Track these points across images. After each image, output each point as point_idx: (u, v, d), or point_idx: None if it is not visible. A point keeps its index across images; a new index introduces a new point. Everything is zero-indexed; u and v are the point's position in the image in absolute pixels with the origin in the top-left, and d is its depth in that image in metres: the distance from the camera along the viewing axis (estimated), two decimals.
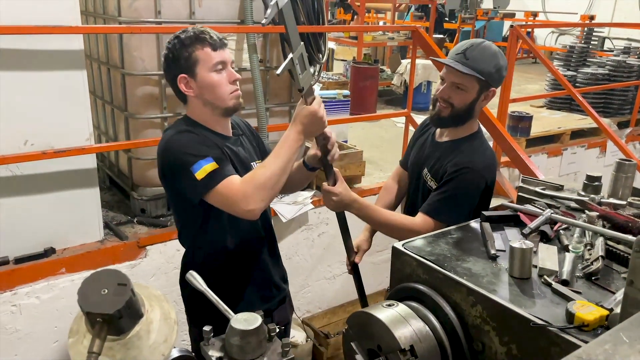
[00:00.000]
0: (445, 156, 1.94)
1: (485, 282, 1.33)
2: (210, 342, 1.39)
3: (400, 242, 1.55)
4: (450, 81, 1.87)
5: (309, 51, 3.25)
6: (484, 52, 1.84)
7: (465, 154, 1.90)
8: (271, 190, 1.62)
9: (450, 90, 1.88)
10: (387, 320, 1.32)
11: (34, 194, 2.51)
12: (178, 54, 1.67)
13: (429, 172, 1.99)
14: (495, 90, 1.93)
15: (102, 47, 3.18)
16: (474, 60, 1.81)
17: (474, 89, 1.86)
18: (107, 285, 0.84)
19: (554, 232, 1.59)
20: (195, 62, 1.66)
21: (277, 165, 1.61)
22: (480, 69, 1.82)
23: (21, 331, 2.51)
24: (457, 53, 1.85)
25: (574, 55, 6.27)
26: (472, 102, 1.89)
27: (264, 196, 1.61)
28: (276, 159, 1.63)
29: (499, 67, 1.85)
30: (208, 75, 1.68)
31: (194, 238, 1.84)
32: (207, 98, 1.70)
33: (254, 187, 1.60)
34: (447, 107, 1.89)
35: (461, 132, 1.96)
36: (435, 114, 1.94)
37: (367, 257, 3.76)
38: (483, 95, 1.89)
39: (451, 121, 1.93)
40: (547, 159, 4.79)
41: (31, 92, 2.40)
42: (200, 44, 1.66)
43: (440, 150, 1.99)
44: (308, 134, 1.67)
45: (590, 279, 1.36)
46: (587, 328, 1.13)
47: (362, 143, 4.76)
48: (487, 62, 1.83)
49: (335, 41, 8.64)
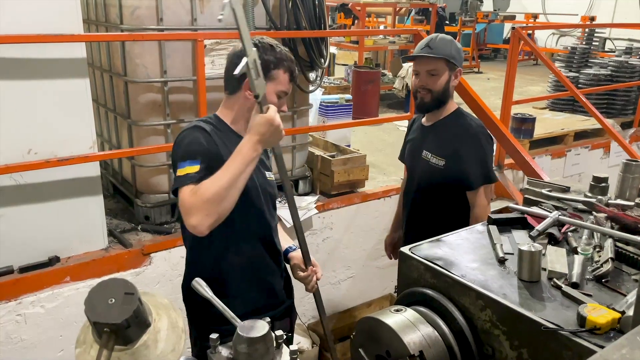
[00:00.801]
0: (443, 134, 2.27)
1: (494, 286, 1.32)
2: (218, 349, 1.38)
3: (407, 246, 1.54)
4: (424, 70, 2.22)
5: (311, 56, 3.25)
6: (443, 40, 2.23)
7: (465, 123, 2.26)
8: (218, 205, 1.51)
9: (426, 78, 2.23)
10: (395, 325, 1.31)
11: (37, 202, 2.51)
12: (266, 60, 1.68)
13: (429, 152, 2.29)
14: (461, 69, 2.29)
15: (104, 55, 3.19)
16: (437, 48, 2.20)
17: (445, 71, 2.22)
18: (114, 295, 0.83)
19: (562, 234, 1.57)
20: (272, 77, 1.70)
21: (226, 178, 1.51)
22: (445, 53, 2.19)
23: (26, 341, 2.50)
24: (422, 47, 2.23)
25: (576, 57, 6.26)
26: (447, 83, 2.24)
27: (210, 211, 1.51)
28: (226, 171, 1.53)
29: (458, 49, 2.26)
30: (271, 95, 1.70)
31: (194, 241, 1.81)
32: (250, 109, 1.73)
33: (199, 201, 1.51)
34: (427, 93, 2.23)
35: (445, 112, 2.30)
36: (420, 103, 2.28)
37: (372, 261, 3.78)
38: (452, 75, 2.24)
39: (434, 104, 2.26)
40: (550, 161, 4.77)
41: (34, 100, 2.41)
42: (285, 68, 1.72)
43: (432, 132, 2.32)
44: (265, 143, 1.58)
45: (601, 281, 1.34)
46: (599, 331, 1.12)
47: (365, 147, 4.76)
48: (448, 47, 2.21)
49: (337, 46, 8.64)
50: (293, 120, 3.45)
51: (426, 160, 2.30)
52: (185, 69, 2.94)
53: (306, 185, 3.59)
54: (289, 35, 3.14)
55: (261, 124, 1.55)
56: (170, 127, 2.94)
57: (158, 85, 2.89)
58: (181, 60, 2.92)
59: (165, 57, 2.85)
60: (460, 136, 2.23)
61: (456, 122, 2.28)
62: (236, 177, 1.53)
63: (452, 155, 2.22)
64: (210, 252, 1.80)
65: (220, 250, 1.79)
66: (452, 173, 2.22)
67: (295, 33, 3.15)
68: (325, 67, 3.46)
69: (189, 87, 2.98)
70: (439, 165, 2.24)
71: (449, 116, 2.30)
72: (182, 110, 2.99)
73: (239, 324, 1.35)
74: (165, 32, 2.83)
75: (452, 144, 2.23)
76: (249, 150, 1.54)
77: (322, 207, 3.41)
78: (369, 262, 3.77)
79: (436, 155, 2.26)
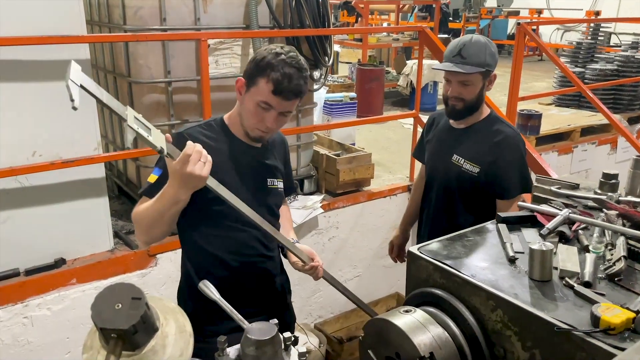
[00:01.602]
0: (478, 140, 2.18)
1: (505, 286, 1.30)
2: (225, 352, 1.37)
3: (416, 245, 1.52)
4: (456, 80, 2.10)
5: (315, 54, 3.23)
6: (477, 46, 2.06)
7: (503, 130, 2.17)
8: (145, 232, 1.61)
9: (459, 88, 2.11)
10: (405, 327, 1.29)
11: (43, 205, 2.51)
12: (257, 60, 1.59)
13: (461, 157, 2.20)
14: (496, 73, 2.17)
15: (107, 56, 3.18)
16: (470, 57, 2.04)
17: (479, 80, 2.10)
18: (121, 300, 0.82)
19: (573, 232, 1.55)
20: (253, 84, 1.60)
21: (149, 212, 1.55)
22: (479, 63, 2.05)
23: (33, 343, 2.50)
24: (454, 55, 2.07)
25: (582, 52, 6.21)
26: (480, 91, 2.14)
27: (140, 232, 1.62)
28: (151, 206, 1.55)
29: (492, 53, 2.10)
30: (250, 103, 1.61)
31: (188, 241, 1.77)
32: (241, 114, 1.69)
33: (135, 218, 1.61)
34: (460, 102, 2.13)
35: (477, 117, 2.20)
36: (451, 110, 2.17)
37: (379, 260, 3.77)
38: (487, 81, 2.14)
39: (467, 112, 2.17)
40: (557, 157, 4.73)
41: (38, 102, 2.40)
42: (268, 78, 1.56)
43: (465, 136, 2.22)
44: (187, 189, 1.48)
45: (613, 280, 1.32)
46: (614, 332, 1.10)
47: (370, 145, 4.74)
48: (482, 54, 2.06)
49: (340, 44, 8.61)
50: (298, 119, 3.44)
51: (457, 165, 2.20)
52: (189, 69, 2.93)
53: (311, 184, 3.58)
54: (293, 33, 3.12)
55: (172, 173, 1.47)
56: (175, 127, 2.93)
57: (162, 85, 2.88)
58: (185, 61, 2.91)
59: (168, 57, 2.84)
60: (499, 144, 2.13)
61: (492, 129, 2.18)
62: (155, 215, 1.54)
63: (490, 163, 2.13)
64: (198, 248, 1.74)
65: (205, 262, 1.74)
66: (488, 180, 2.15)
67: (298, 31, 3.13)
68: (329, 66, 3.44)
69: (193, 88, 2.97)
70: (473, 172, 2.16)
71: (484, 121, 2.21)
72: (186, 111, 2.98)
73: (246, 326, 1.33)
74: (168, 32, 2.82)
75: (491, 152, 2.14)
76: (172, 195, 1.49)
77: (328, 207, 3.40)
78: (375, 261, 3.75)
79: (470, 162, 2.17)
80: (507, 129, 2.20)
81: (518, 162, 2.17)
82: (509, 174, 2.14)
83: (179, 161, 1.42)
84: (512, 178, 2.15)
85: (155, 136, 1.39)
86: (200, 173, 1.43)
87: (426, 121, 2.52)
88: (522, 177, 2.17)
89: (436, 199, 2.32)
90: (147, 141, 1.36)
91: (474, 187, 2.19)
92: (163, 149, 1.39)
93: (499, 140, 2.15)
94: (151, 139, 1.36)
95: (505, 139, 2.15)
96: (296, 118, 3.43)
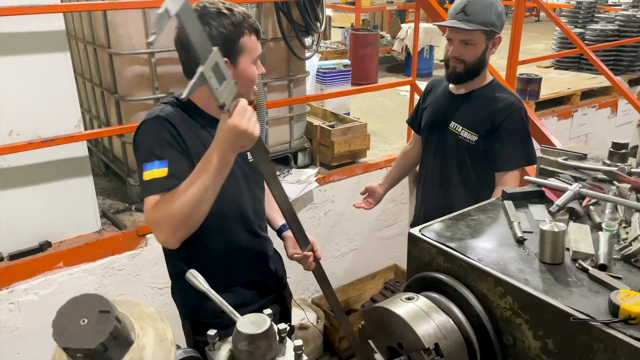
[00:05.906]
0: (478, 107, 2.07)
1: (514, 270, 1.21)
2: (216, 346, 1.28)
3: (417, 227, 1.42)
4: (458, 40, 2.01)
5: (306, 20, 3.06)
6: (482, 3, 1.96)
7: (505, 97, 2.06)
8: (185, 221, 1.37)
9: (460, 48, 2.02)
10: (407, 316, 1.20)
11: (24, 186, 2.39)
12: (227, 34, 1.46)
13: (459, 124, 2.10)
14: (501, 36, 2.05)
15: (86, 25, 3.00)
16: (474, 14, 1.95)
17: (482, 40, 2.00)
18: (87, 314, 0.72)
19: (584, 209, 1.45)
20: (241, 49, 1.50)
21: (193, 193, 1.34)
22: (483, 21, 1.95)
23: (21, 329, 2.42)
24: (457, 12, 1.97)
25: (582, 12, 6.02)
26: (483, 53, 2.03)
27: (176, 227, 1.38)
28: (192, 185, 1.34)
29: (499, 13, 1.99)
30: (250, 67, 1.52)
31: None
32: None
33: (164, 217, 1.38)
34: (460, 64, 2.04)
35: (480, 82, 2.11)
36: (451, 72, 2.07)
37: (376, 232, 3.69)
38: (490, 43, 2.04)
39: (467, 75, 2.07)
40: (557, 122, 4.63)
41: (12, 78, 2.25)
42: (249, 30, 1.49)
43: (465, 103, 2.11)
44: (236, 149, 1.36)
45: (630, 261, 1.23)
46: (634, 321, 1.01)
47: (366, 114, 4.61)
48: (487, 13, 1.96)
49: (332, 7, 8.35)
50: (290, 90, 3.29)
51: (455, 133, 2.10)
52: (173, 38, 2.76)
53: (305, 157, 3.46)
54: None
55: (227, 130, 1.31)
56: (160, 100, 2.78)
57: (145, 57, 2.72)
58: (168, 30, 2.73)
59: (150, 26, 2.67)
60: (501, 112, 2.03)
61: (494, 95, 2.08)
62: (203, 193, 1.34)
63: (489, 131, 2.03)
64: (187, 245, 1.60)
65: (198, 243, 1.60)
66: (486, 150, 2.05)
67: None
68: (321, 32, 3.27)
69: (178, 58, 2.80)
70: (471, 141, 2.07)
71: (485, 87, 2.11)
72: (172, 83, 2.83)
73: (238, 319, 1.25)
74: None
75: (491, 119, 2.03)
76: (217, 163, 1.33)
77: (323, 180, 3.29)
78: (372, 233, 3.68)
79: (469, 129, 2.07)
80: (510, 96, 2.09)
81: (520, 132, 2.06)
82: (509, 143, 2.04)
83: (238, 114, 1.29)
84: (512, 148, 2.04)
85: (224, 89, 1.25)
86: (254, 131, 1.33)
87: (424, 88, 2.39)
88: (523, 148, 2.07)
89: (432, 169, 2.21)
90: (214, 92, 1.24)
91: (473, 157, 2.09)
92: (225, 104, 1.27)
93: (499, 108, 2.05)
94: (218, 92, 1.23)
95: (507, 107, 2.05)
96: (288, 88, 3.28)
